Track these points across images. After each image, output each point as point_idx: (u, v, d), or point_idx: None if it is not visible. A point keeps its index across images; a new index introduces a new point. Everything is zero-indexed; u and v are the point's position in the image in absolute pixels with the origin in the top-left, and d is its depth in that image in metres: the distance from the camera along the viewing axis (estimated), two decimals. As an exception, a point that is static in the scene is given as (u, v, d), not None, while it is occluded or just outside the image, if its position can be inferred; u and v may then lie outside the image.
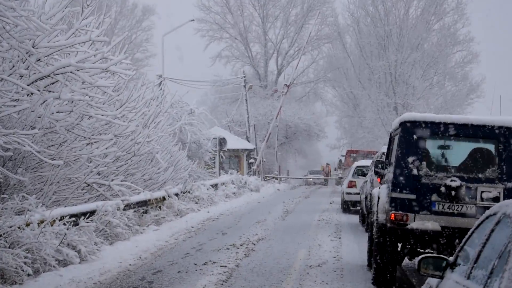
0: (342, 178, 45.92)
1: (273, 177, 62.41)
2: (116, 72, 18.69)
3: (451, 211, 13.27)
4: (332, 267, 16.43)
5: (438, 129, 13.72)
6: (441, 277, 7.01)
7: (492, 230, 6.13)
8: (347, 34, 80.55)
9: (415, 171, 13.43)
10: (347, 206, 33.75)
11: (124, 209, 20.36)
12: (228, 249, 18.77)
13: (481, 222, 6.69)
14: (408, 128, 13.68)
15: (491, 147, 13.81)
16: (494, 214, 6.31)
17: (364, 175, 29.31)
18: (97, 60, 17.81)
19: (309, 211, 32.69)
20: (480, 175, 13.43)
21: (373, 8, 74.97)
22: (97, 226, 17.98)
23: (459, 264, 6.81)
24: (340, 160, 63.59)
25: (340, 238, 22.24)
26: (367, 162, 32.10)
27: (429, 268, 7.03)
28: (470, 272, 6.23)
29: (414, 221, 13.35)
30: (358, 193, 30.18)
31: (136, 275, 14.94)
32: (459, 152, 14.50)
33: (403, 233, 13.44)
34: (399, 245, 13.86)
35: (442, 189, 13.24)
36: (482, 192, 13.23)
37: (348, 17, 78.85)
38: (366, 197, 23.02)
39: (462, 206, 13.23)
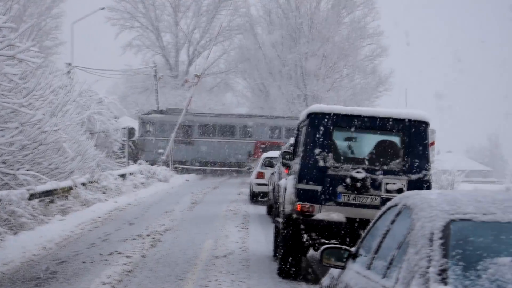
0: (251, 169, 45.96)
1: (183, 167, 62.15)
2: (23, 60, 18.33)
3: (356, 202, 13.42)
4: (238, 257, 16.43)
5: (344, 121, 13.81)
6: (343, 268, 7.03)
7: (393, 221, 6.18)
8: (259, 25, 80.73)
9: (321, 163, 13.52)
10: (255, 197, 33.90)
11: (29, 199, 20.02)
12: (134, 239, 18.61)
13: (383, 213, 6.75)
14: (315, 119, 13.74)
15: (396, 139, 13.98)
16: (395, 205, 6.36)
17: (273, 166, 29.40)
18: (3, 47, 17.43)
19: (217, 201, 32.64)
20: (385, 167, 13.60)
21: (285, 1, 75.28)
22: (0, 215, 17.62)
23: (361, 255, 6.85)
24: (250, 152, 63.73)
25: (247, 229, 22.29)
26: (276, 153, 32.20)
27: (332, 258, 7.04)
28: (371, 263, 6.28)
29: (320, 212, 13.46)
30: (266, 184, 30.31)
31: (40, 265, 14.67)
32: (365, 144, 14.67)
33: (308, 224, 13.53)
34: (305, 236, 13.91)
35: (348, 180, 13.38)
36: (387, 183, 13.41)
37: (261, 8, 79.21)
38: (273, 188, 23.11)
39: (367, 197, 13.40)
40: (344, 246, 7.25)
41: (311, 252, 15.19)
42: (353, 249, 7.15)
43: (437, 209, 5.36)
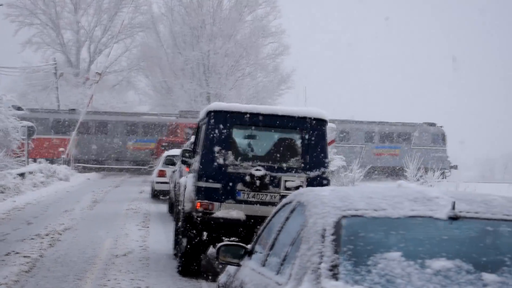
0: (152, 167, 45.68)
1: (84, 166, 61.35)
2: None
3: (255, 200, 13.46)
4: (138, 256, 16.32)
5: (244, 119, 13.85)
6: (239, 265, 7.04)
7: (287, 218, 6.21)
8: (161, 23, 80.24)
9: (221, 161, 13.54)
10: (157, 195, 33.80)
11: None
12: (32, 239, 18.26)
13: (278, 210, 6.78)
14: (214, 117, 13.74)
15: (295, 137, 14.09)
16: (290, 202, 6.39)
17: (174, 164, 29.35)
18: None
19: (118, 200, 32.34)
20: (284, 165, 13.69)
21: (187, -3, 75.02)
22: None
23: (257, 252, 6.87)
24: (152, 150, 63.35)
25: (148, 227, 22.15)
26: (178, 151, 32.11)
27: (228, 256, 7.04)
28: (266, 260, 6.30)
29: (220, 209, 13.46)
30: (168, 182, 30.28)
31: None
32: (265, 141, 14.73)
33: (208, 221, 13.53)
34: (205, 233, 13.91)
35: (247, 178, 13.42)
36: (286, 181, 13.50)
37: (163, 5, 78.68)
38: (174, 186, 23.04)
39: (267, 195, 13.46)
40: (240, 243, 7.25)
41: (211, 249, 15.20)
42: (249, 246, 7.16)
43: (329, 206, 5.40)
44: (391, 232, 5.15)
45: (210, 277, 14.01)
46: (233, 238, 13.49)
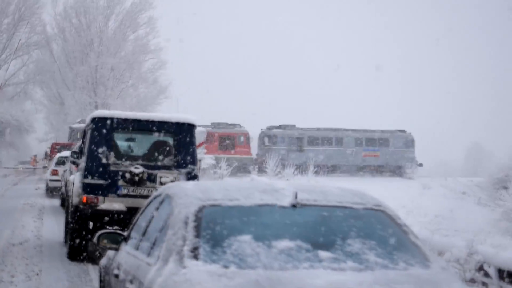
0: (47, 167, 44.73)
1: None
2: None
3: (135, 193, 13.42)
4: (33, 244, 15.91)
5: (124, 124, 13.82)
6: (117, 249, 6.97)
7: (157, 208, 6.19)
8: (54, 42, 78.50)
9: (104, 160, 13.45)
10: (51, 192, 33.15)
11: None
12: None
13: (150, 202, 6.75)
14: (98, 123, 13.64)
15: (169, 139, 14.12)
16: (159, 195, 6.40)
17: (65, 164, 28.83)
18: None
19: (16, 196, 31.37)
20: (159, 163, 13.73)
21: (77, 20, 73.69)
22: None
23: (132, 238, 6.81)
24: (46, 152, 61.94)
25: (42, 219, 21.63)
26: (68, 153, 31.51)
27: (108, 242, 6.97)
28: (139, 244, 6.26)
29: (104, 203, 13.38)
30: (60, 180, 29.85)
31: None
32: (143, 143, 14.73)
33: (94, 213, 13.42)
34: (91, 223, 13.71)
35: (127, 175, 13.37)
36: (161, 177, 13.48)
37: (55, 26, 76.96)
38: (65, 183, 22.59)
39: (144, 189, 13.43)
40: (117, 231, 7.20)
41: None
42: (125, 233, 7.10)
43: (192, 197, 5.44)
44: (244, 218, 5.20)
45: (95, 261, 13.79)
46: (116, 227, 13.32)
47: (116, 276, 6.44)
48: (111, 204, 13.34)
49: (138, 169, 13.39)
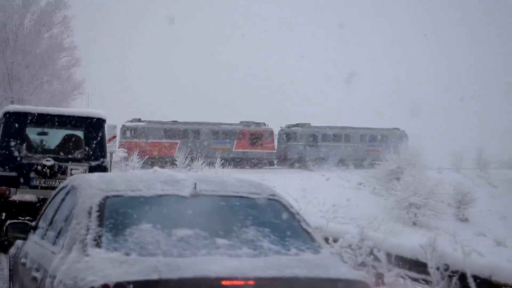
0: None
1: None
2: None
3: (46, 185, 13.21)
4: None
5: (36, 119, 13.54)
6: (25, 239, 6.80)
7: (63, 199, 6.08)
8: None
9: (16, 153, 13.17)
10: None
11: None
12: None
13: (57, 193, 6.62)
14: (10, 117, 13.34)
15: (79, 133, 13.91)
16: (66, 186, 6.30)
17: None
18: None
19: None
20: (70, 156, 13.52)
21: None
22: None
23: (39, 227, 6.67)
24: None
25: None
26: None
27: (16, 231, 6.78)
28: (45, 233, 6.14)
29: (16, 194, 13.09)
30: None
31: None
32: (54, 137, 14.47)
33: (6, 204, 13.11)
34: (4, 214, 13.37)
35: (39, 167, 13.13)
36: (71, 169, 13.30)
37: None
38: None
39: (55, 181, 13.20)
40: (25, 221, 7.02)
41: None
42: (33, 223, 6.93)
43: (96, 188, 5.37)
44: (145, 208, 5.17)
45: (7, 250, 13.42)
46: (28, 217, 13.02)
47: (23, 264, 6.30)
48: (23, 195, 13.06)
49: (49, 161, 13.16)
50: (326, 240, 11.10)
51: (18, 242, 7.29)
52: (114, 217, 5.00)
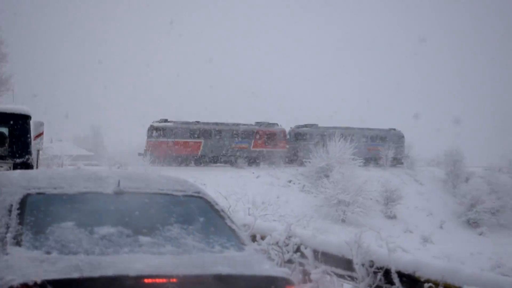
0: None
1: None
2: None
3: None
4: None
5: None
6: None
7: None
8: None
9: None
10: None
11: None
12: None
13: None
14: None
15: (4, 130, 13.60)
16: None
17: None
18: None
19: None
20: None
21: None
22: None
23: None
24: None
25: None
26: None
27: None
28: None
29: None
30: None
31: None
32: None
33: None
34: None
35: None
36: None
37: None
38: None
39: None
40: None
41: None
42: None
43: (17, 186, 5.27)
44: (67, 205, 5.11)
45: None
46: None
47: None
48: None
49: (-31, 159, 12.83)
50: (254, 237, 11.16)
51: None
52: (35, 215, 4.91)
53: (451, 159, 58.95)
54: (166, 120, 58.14)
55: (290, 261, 10.64)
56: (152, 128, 56.61)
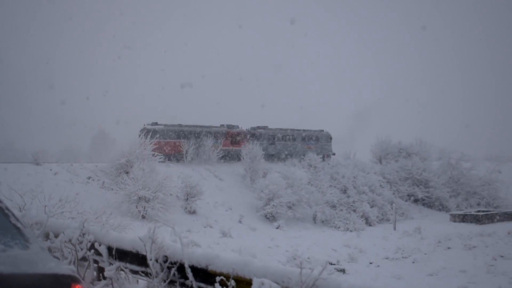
0: None
1: None
2: None
3: None
4: None
5: None
6: None
7: None
8: None
9: None
10: None
11: None
12: None
13: None
14: None
15: None
16: None
17: None
18: None
19: None
20: None
21: None
22: None
23: None
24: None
25: None
26: None
27: None
28: None
29: None
30: None
31: None
32: None
33: None
34: None
35: None
36: None
37: None
38: None
39: None
40: None
41: None
42: None
43: None
44: None
45: None
46: None
47: None
48: None
49: None
50: (47, 235, 10.90)
51: None
52: None
53: (251, 155, 60.85)
54: (156, 123, 62.78)
55: (84, 259, 10.53)
56: (144, 130, 61.08)
